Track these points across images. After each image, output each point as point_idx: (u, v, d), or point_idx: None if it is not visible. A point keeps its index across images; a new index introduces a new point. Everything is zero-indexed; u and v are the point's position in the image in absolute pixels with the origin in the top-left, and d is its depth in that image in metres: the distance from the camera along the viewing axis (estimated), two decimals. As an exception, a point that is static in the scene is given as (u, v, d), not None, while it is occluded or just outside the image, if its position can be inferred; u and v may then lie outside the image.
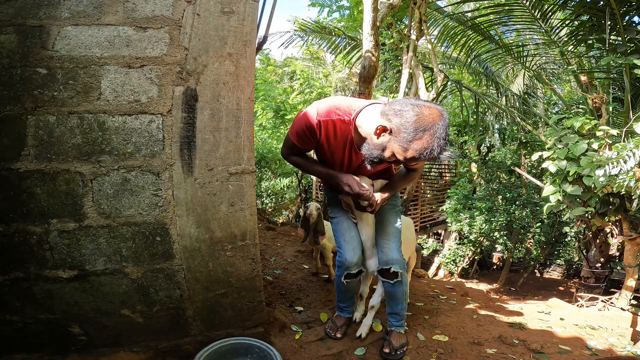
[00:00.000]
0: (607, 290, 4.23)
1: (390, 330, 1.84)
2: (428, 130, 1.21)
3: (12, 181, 1.35)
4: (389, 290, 1.76)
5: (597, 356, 1.91)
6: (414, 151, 1.24)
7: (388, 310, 1.85)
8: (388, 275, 1.71)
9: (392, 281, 1.72)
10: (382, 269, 1.72)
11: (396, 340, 1.79)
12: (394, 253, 1.70)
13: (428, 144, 1.22)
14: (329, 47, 6.82)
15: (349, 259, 1.72)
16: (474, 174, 7.41)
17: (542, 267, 9.83)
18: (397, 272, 1.69)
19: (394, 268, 1.69)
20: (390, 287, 1.75)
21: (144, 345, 1.57)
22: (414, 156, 1.25)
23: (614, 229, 3.78)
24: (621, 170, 2.41)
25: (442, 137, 1.22)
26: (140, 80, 1.41)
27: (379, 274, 1.75)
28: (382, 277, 1.74)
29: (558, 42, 4.37)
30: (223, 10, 1.48)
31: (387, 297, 1.82)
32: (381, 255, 1.73)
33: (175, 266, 1.52)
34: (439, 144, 1.22)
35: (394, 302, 1.80)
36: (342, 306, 1.97)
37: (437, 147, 1.22)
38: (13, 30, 1.33)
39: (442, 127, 1.22)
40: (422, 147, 1.22)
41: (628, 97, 3.45)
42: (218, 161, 1.51)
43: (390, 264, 1.69)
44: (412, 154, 1.25)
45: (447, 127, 1.23)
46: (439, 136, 1.21)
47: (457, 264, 6.88)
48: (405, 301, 1.85)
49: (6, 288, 1.40)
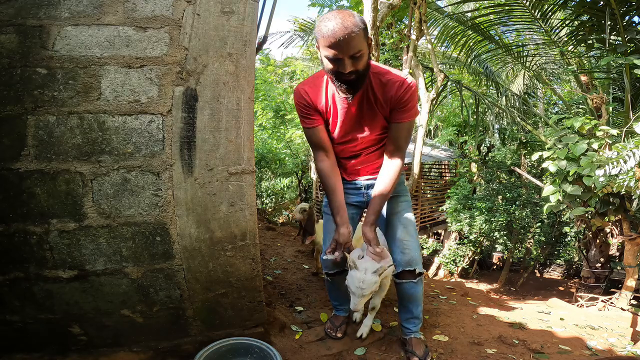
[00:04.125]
0: (607, 290, 4.24)
1: (409, 339, 1.72)
2: (327, 19, 1.24)
3: (12, 181, 1.35)
4: (410, 291, 1.65)
5: (597, 356, 1.91)
6: (322, 38, 1.24)
7: (406, 315, 1.72)
8: (410, 276, 1.61)
9: (416, 280, 1.62)
10: (404, 270, 1.60)
11: (419, 348, 1.68)
12: (415, 251, 1.61)
13: (329, 26, 1.22)
14: (329, 47, 6.80)
15: (326, 262, 1.69)
16: (474, 174, 7.42)
17: (542, 267, 9.83)
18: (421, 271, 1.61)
19: (418, 269, 1.60)
20: (412, 288, 1.64)
21: (144, 345, 1.57)
22: (327, 44, 1.24)
23: (614, 229, 3.78)
24: (621, 170, 2.41)
25: (340, 17, 1.22)
26: (140, 80, 1.41)
27: (397, 277, 1.64)
28: (403, 278, 1.63)
29: (558, 42, 4.37)
30: (223, 10, 1.48)
31: (406, 300, 1.69)
32: (401, 256, 1.60)
33: (175, 266, 1.52)
34: (337, 22, 1.22)
35: (414, 303, 1.69)
36: (336, 304, 1.93)
37: (337, 24, 1.21)
38: (13, 30, 1.33)
39: (340, 14, 1.24)
40: (326, 30, 1.22)
41: (628, 97, 3.45)
42: (218, 161, 1.51)
43: (414, 265, 1.60)
44: (323, 42, 1.25)
45: (352, 15, 1.25)
46: (337, 16, 1.23)
47: (457, 264, 6.88)
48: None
49: (6, 288, 1.40)
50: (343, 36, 1.21)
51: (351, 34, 1.21)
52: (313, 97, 1.50)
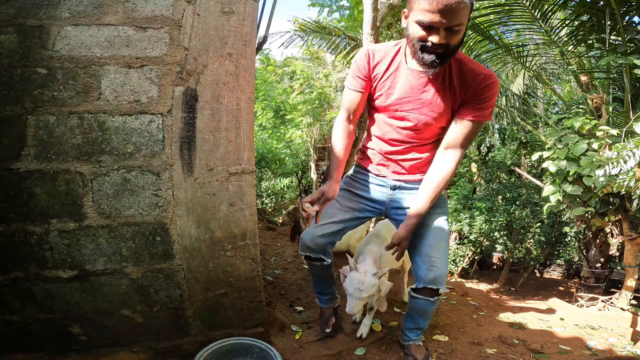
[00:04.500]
0: (607, 290, 4.23)
1: (408, 345, 1.67)
2: None
3: (12, 181, 1.35)
4: (423, 307, 1.53)
5: (597, 356, 1.91)
6: (425, 1, 1.12)
7: (411, 325, 1.64)
8: (430, 294, 1.47)
9: (433, 298, 1.48)
10: (425, 287, 1.45)
11: (419, 353, 1.63)
12: (443, 270, 1.44)
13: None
14: (329, 47, 6.81)
15: (304, 238, 1.58)
16: (474, 174, 7.41)
17: (542, 267, 9.82)
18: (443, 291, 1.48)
19: (442, 289, 1.45)
20: (428, 305, 1.51)
21: (144, 345, 1.57)
22: (428, 8, 1.12)
23: (614, 229, 3.77)
24: (621, 170, 2.40)
25: None
26: (140, 80, 1.41)
27: (415, 291, 1.50)
28: (420, 294, 1.49)
29: (558, 42, 4.37)
30: (223, 10, 1.48)
31: (415, 313, 1.59)
32: (426, 272, 1.44)
33: (175, 266, 1.52)
34: None
35: (423, 318, 1.61)
36: (316, 293, 1.85)
37: None
38: (13, 30, 1.33)
39: None
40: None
41: (628, 97, 3.45)
42: (218, 161, 1.50)
43: (438, 284, 1.44)
44: (422, 5, 1.12)
45: None
46: None
47: (457, 264, 6.87)
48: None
49: (6, 288, 1.40)
50: (452, 3, 1.09)
51: (460, 4, 1.10)
52: (376, 60, 1.38)
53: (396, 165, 1.53)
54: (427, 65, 1.24)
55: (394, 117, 1.43)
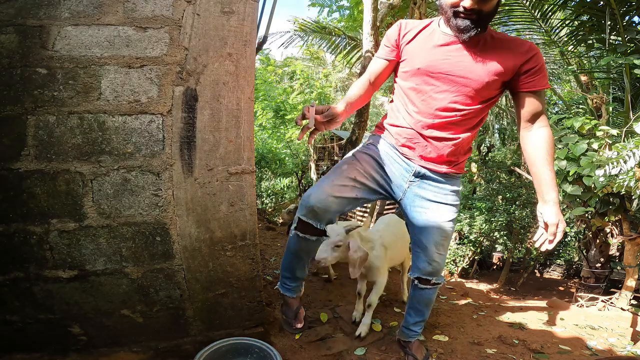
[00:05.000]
0: (607, 290, 4.23)
1: (409, 342, 1.65)
2: None
3: (12, 181, 1.35)
4: (430, 296, 1.55)
5: (597, 356, 1.91)
6: None
7: (415, 319, 1.60)
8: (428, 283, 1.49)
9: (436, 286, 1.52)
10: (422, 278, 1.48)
11: (420, 353, 1.64)
12: (442, 264, 1.47)
13: None
14: (329, 47, 6.82)
15: (311, 196, 1.33)
16: (474, 174, 7.41)
17: (542, 267, 9.82)
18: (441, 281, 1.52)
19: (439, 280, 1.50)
20: (433, 293, 1.54)
21: (144, 345, 1.57)
22: None
23: (614, 229, 3.77)
24: (621, 170, 2.40)
25: None
26: (140, 80, 1.41)
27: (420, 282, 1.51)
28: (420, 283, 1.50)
29: (558, 42, 4.37)
30: (223, 10, 1.48)
31: (422, 304, 1.57)
32: (426, 266, 1.44)
33: (175, 266, 1.52)
34: None
35: (427, 307, 1.59)
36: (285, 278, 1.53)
37: None
38: (13, 30, 1.33)
39: None
40: None
41: (628, 97, 3.45)
42: (218, 161, 1.51)
43: (434, 276, 1.48)
44: None
45: None
46: None
47: (457, 264, 6.87)
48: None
49: (6, 288, 1.40)
50: None
51: None
52: (407, 29, 1.37)
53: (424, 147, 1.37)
54: (461, 31, 1.20)
55: (426, 82, 1.31)
